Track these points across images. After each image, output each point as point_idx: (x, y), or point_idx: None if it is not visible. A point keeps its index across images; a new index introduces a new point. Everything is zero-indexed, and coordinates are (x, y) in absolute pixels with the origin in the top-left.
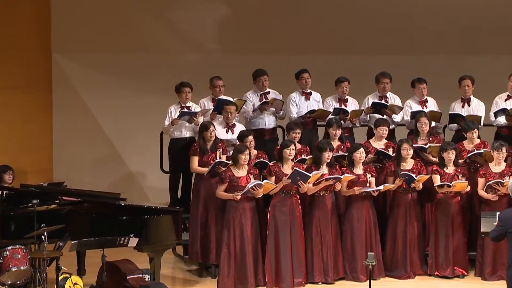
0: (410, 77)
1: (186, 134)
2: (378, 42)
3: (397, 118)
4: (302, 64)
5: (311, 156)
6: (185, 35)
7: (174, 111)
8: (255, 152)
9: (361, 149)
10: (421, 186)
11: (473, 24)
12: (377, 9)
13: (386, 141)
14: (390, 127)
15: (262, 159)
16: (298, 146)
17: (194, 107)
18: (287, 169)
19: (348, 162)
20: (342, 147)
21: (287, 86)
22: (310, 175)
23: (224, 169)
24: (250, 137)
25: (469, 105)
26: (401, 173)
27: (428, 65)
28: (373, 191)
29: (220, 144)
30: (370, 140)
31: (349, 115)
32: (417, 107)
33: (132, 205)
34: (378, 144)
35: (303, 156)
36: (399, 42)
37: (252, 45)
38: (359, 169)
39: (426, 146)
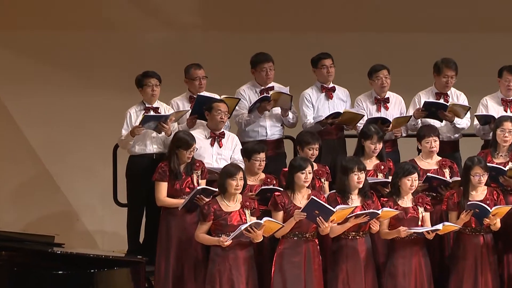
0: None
1: (153, 149)
2: (426, 13)
3: (462, 123)
4: (316, 45)
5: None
6: (151, 4)
7: (134, 115)
8: (263, 175)
9: (415, 175)
10: (498, 223)
11: None
12: None
13: (439, 158)
14: (454, 136)
15: (271, 186)
16: (315, 166)
17: (165, 109)
18: (301, 200)
19: (392, 190)
20: (383, 167)
21: (296, 78)
22: (334, 209)
23: (207, 200)
24: (262, 155)
25: None
26: (469, 203)
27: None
28: (427, 232)
29: (197, 164)
30: (416, 159)
31: (391, 125)
32: (497, 109)
33: (72, 253)
34: (428, 163)
35: (322, 180)
36: (456, 14)
37: (245, 19)
38: (407, 201)
39: (506, 168)
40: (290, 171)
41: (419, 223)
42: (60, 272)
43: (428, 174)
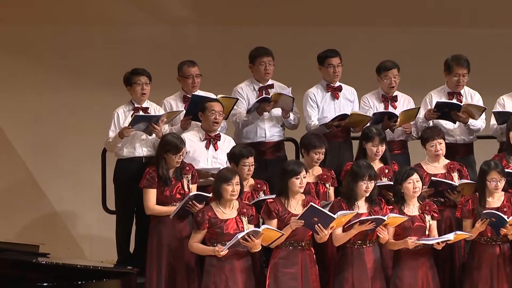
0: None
1: (142, 152)
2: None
3: (477, 124)
4: (319, 40)
5: None
6: None
7: (122, 116)
8: (252, 181)
9: (415, 176)
10: None
11: None
12: None
13: (447, 161)
14: (468, 138)
15: (262, 194)
16: (319, 170)
17: (154, 109)
18: (296, 206)
19: (395, 196)
20: (387, 171)
21: (298, 75)
22: (334, 216)
23: (201, 207)
24: (251, 159)
25: None
26: (484, 212)
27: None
28: (437, 243)
29: (187, 168)
30: (422, 163)
31: (399, 120)
32: None
33: (58, 263)
34: (435, 167)
35: (327, 186)
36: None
37: (243, 12)
38: (412, 208)
39: None
40: (283, 176)
41: (426, 232)
42: (45, 284)
43: (432, 178)
